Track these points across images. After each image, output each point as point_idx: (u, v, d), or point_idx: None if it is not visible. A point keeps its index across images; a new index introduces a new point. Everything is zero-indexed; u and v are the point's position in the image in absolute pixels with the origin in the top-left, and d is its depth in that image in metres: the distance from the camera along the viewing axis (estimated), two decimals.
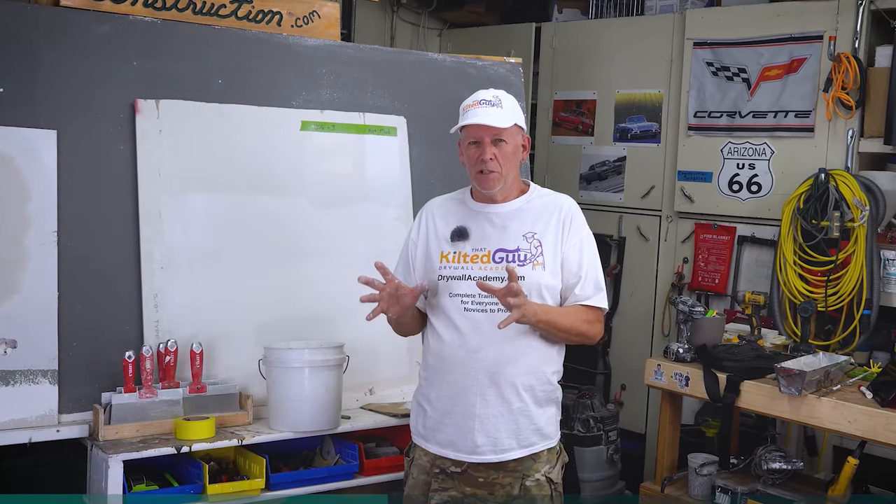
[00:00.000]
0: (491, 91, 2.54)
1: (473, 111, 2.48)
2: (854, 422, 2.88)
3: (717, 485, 3.34)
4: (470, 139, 2.51)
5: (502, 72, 3.98)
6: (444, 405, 2.53)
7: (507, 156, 2.50)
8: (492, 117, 2.46)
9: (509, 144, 2.51)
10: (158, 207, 3.12)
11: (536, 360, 2.51)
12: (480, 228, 2.55)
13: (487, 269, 2.49)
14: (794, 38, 4.26)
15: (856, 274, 3.86)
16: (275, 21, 3.56)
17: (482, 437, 2.48)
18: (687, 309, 3.41)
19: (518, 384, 2.48)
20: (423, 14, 5.81)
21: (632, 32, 4.96)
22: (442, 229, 2.60)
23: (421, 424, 2.60)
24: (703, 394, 3.26)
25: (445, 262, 2.54)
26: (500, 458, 2.49)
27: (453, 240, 2.56)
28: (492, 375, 2.47)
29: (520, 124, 2.54)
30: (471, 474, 2.51)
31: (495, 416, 2.48)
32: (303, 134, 3.45)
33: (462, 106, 2.55)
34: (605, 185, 5.04)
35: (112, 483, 2.68)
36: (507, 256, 2.49)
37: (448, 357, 2.51)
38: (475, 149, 2.50)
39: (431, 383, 2.57)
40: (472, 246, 2.54)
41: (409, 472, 2.65)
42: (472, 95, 2.55)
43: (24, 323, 2.85)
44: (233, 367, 3.15)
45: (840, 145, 4.11)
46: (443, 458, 2.54)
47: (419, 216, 2.70)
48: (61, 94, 3.03)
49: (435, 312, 2.57)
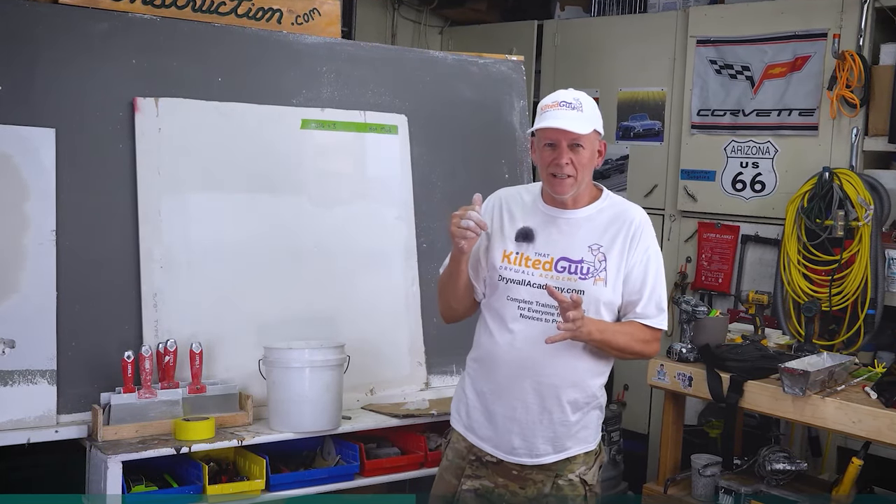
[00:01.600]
0: (571, 92, 2.44)
1: (552, 113, 2.38)
2: (858, 422, 2.87)
3: (721, 486, 3.32)
4: (546, 140, 2.41)
5: (504, 70, 3.96)
6: (487, 402, 2.52)
7: (584, 162, 2.41)
8: (571, 122, 2.36)
9: (587, 150, 2.41)
10: (158, 206, 3.11)
11: (583, 374, 2.47)
12: (547, 233, 2.48)
13: (548, 276, 2.43)
14: (797, 36, 4.25)
15: (860, 273, 3.85)
16: (275, 18, 3.55)
17: (519, 441, 2.48)
18: (690, 308, 3.39)
19: (562, 397, 2.46)
20: (424, 12, 5.80)
21: (634, 30, 4.94)
22: (507, 225, 2.52)
23: (463, 412, 2.59)
24: (707, 394, 3.25)
25: (507, 262, 2.48)
26: (535, 461, 2.49)
27: (518, 240, 2.49)
28: (536, 385, 2.44)
29: (598, 130, 2.45)
30: (506, 466, 2.51)
31: (534, 423, 2.46)
32: (303, 132, 3.43)
33: (540, 105, 2.44)
34: (608, 183, 5.01)
35: (111, 484, 2.67)
36: (570, 267, 2.44)
37: (497, 357, 2.49)
38: (550, 151, 2.41)
39: (478, 376, 2.55)
40: (535, 250, 2.47)
41: (444, 453, 2.64)
42: (551, 95, 2.44)
43: (23, 323, 2.84)
44: (233, 368, 3.14)
45: (844, 144, 4.10)
46: (480, 448, 2.54)
47: (490, 201, 2.57)
48: (60, 92, 3.01)
49: (491, 310, 2.53)
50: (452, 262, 2.48)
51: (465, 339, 3.22)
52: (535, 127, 2.43)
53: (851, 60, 3.98)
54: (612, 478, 4.27)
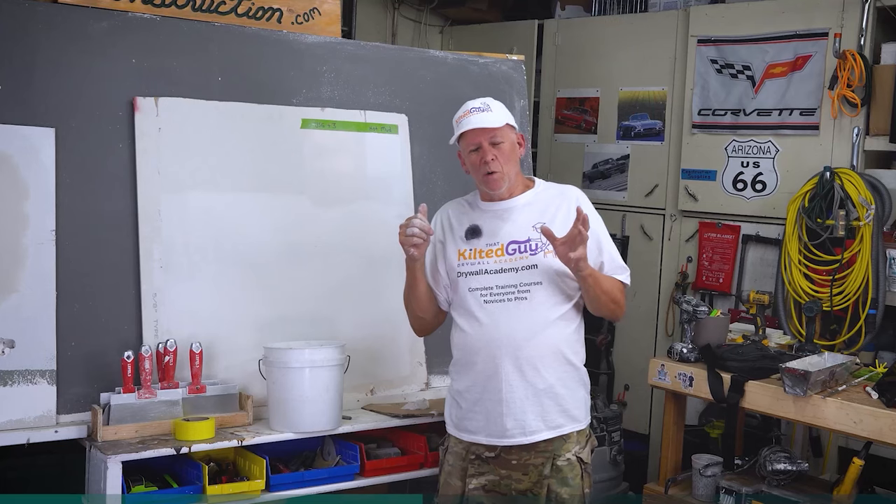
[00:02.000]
0: (479, 99, 2.73)
1: (466, 120, 2.67)
2: (860, 422, 2.87)
3: (722, 486, 3.32)
4: (470, 147, 2.69)
5: (504, 69, 3.95)
6: (473, 395, 2.69)
7: (506, 154, 2.68)
8: (485, 120, 2.65)
9: (505, 143, 2.68)
10: (157, 206, 3.10)
11: (555, 342, 2.65)
12: (491, 224, 2.72)
13: (502, 261, 2.67)
14: (799, 35, 4.25)
15: (861, 273, 3.86)
16: (275, 18, 3.54)
17: (511, 421, 2.63)
18: (691, 308, 3.40)
19: (539, 366, 2.63)
20: (424, 11, 5.79)
21: (635, 29, 4.94)
22: (457, 229, 2.77)
23: (454, 415, 2.77)
24: (708, 394, 3.25)
25: (462, 258, 2.72)
26: (529, 439, 2.64)
27: (468, 237, 2.74)
28: (514, 360, 2.62)
29: (511, 123, 2.71)
30: (504, 457, 2.67)
31: (521, 399, 2.63)
32: (303, 132, 3.42)
33: (455, 119, 2.72)
34: (609, 183, 5.02)
35: (111, 484, 2.66)
36: (520, 247, 2.67)
37: (471, 348, 2.68)
38: (476, 155, 2.68)
39: (460, 376, 2.75)
40: (485, 241, 2.71)
41: (443, 462, 2.81)
42: (461, 107, 2.73)
43: (22, 322, 2.82)
44: (233, 368, 3.13)
45: (845, 143, 4.10)
46: (476, 444, 2.70)
47: (435, 219, 2.84)
48: (59, 92, 3.00)
49: (457, 308, 2.75)
50: (408, 272, 2.75)
51: None
52: (456, 135, 2.70)
53: (853, 60, 3.98)
54: (613, 478, 4.27)
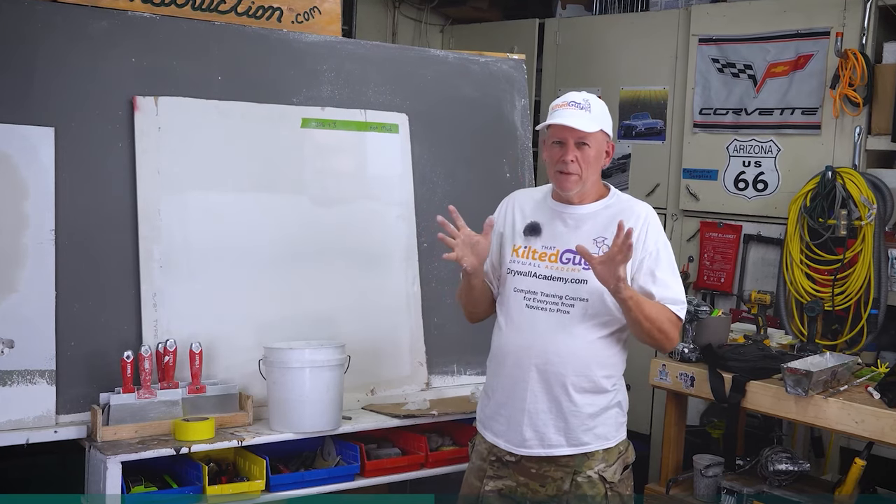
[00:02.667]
0: (582, 94, 2.56)
1: (561, 112, 2.50)
2: (861, 423, 2.86)
3: (723, 486, 3.31)
4: (554, 139, 2.53)
5: (505, 68, 3.95)
6: (500, 397, 2.58)
7: (590, 160, 2.52)
8: (578, 120, 2.47)
9: (592, 149, 2.52)
10: (157, 206, 3.09)
11: (587, 364, 2.50)
12: (553, 227, 2.58)
13: (553, 268, 2.52)
14: (800, 35, 4.23)
15: (863, 273, 3.85)
16: (275, 17, 3.55)
17: (530, 432, 2.52)
18: (692, 308, 3.35)
19: (568, 384, 2.49)
20: (425, 10, 5.79)
21: (636, 28, 4.93)
22: (518, 222, 2.63)
23: (482, 411, 2.67)
24: (709, 394, 3.24)
25: (516, 255, 2.59)
26: (548, 452, 2.52)
27: (526, 234, 2.60)
28: (542, 373, 2.50)
29: (606, 130, 2.56)
30: (524, 464, 2.55)
31: (544, 412, 2.51)
32: (303, 131, 3.42)
33: (552, 105, 2.57)
34: (610, 182, 4.97)
35: (110, 484, 2.66)
36: (574, 258, 2.50)
37: (505, 350, 2.57)
38: (558, 149, 2.53)
39: (491, 374, 2.65)
40: (542, 243, 2.57)
41: (470, 457, 2.70)
42: (563, 95, 2.57)
43: (22, 322, 2.82)
44: (233, 368, 3.12)
45: (847, 143, 4.08)
46: (499, 447, 2.58)
47: (503, 204, 2.72)
48: (59, 91, 3.00)
49: (500, 304, 2.63)
50: (463, 279, 2.61)
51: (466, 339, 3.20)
52: (544, 124, 2.54)
53: (854, 59, 3.98)
54: None
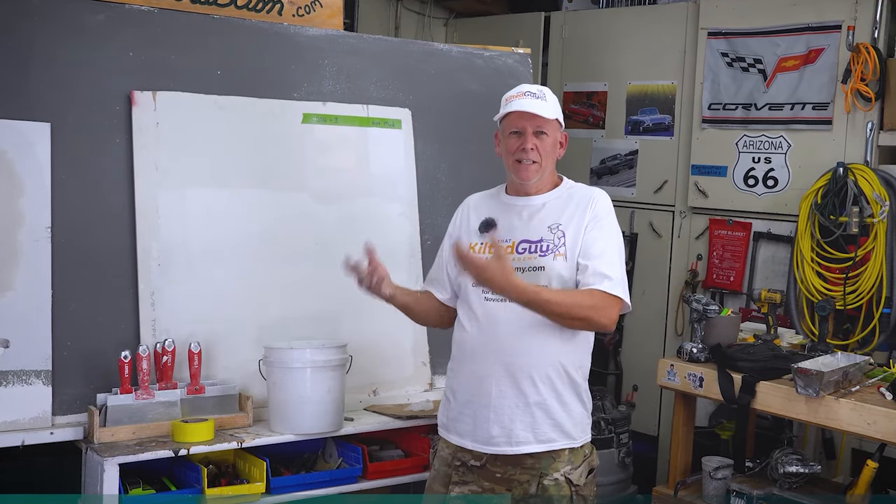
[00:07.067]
0: (536, 85, 2.62)
1: (518, 101, 2.54)
2: (873, 424, 2.85)
3: (732, 489, 3.30)
4: (511, 129, 2.56)
5: (510, 62, 3.93)
6: (464, 395, 2.58)
7: (547, 149, 2.56)
8: (536, 107, 2.53)
9: (550, 137, 2.57)
10: (155, 202, 3.07)
11: (554, 353, 2.51)
12: (508, 221, 2.61)
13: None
14: (811, 28, 4.20)
15: (875, 271, 3.82)
16: (276, 10, 3.53)
17: (497, 429, 2.50)
18: (701, 307, 3.38)
19: (534, 376, 2.49)
20: (428, 3, 5.76)
21: (644, 22, 4.90)
22: (473, 221, 2.67)
23: (444, 415, 2.66)
24: (718, 395, 3.23)
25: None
26: (515, 450, 2.50)
27: (481, 231, 2.63)
28: (507, 366, 2.50)
29: (560, 120, 2.61)
30: (489, 469, 2.53)
31: (511, 407, 2.50)
32: (304, 127, 3.40)
33: (505, 97, 2.60)
34: (617, 179, 4.97)
35: (108, 487, 2.65)
36: (530, 247, 2.54)
37: (467, 347, 2.58)
38: (516, 139, 2.56)
39: (455, 374, 2.64)
40: (499, 237, 2.58)
41: (432, 464, 2.70)
42: (516, 87, 2.61)
43: (17, 322, 2.80)
44: (232, 368, 3.11)
45: (859, 138, 4.05)
46: (464, 450, 2.56)
47: (457, 211, 2.77)
48: (55, 86, 2.98)
49: (461, 303, 2.64)
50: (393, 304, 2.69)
51: None
52: (502, 113, 2.57)
53: (866, 53, 3.94)
54: (622, 480, 4.25)
